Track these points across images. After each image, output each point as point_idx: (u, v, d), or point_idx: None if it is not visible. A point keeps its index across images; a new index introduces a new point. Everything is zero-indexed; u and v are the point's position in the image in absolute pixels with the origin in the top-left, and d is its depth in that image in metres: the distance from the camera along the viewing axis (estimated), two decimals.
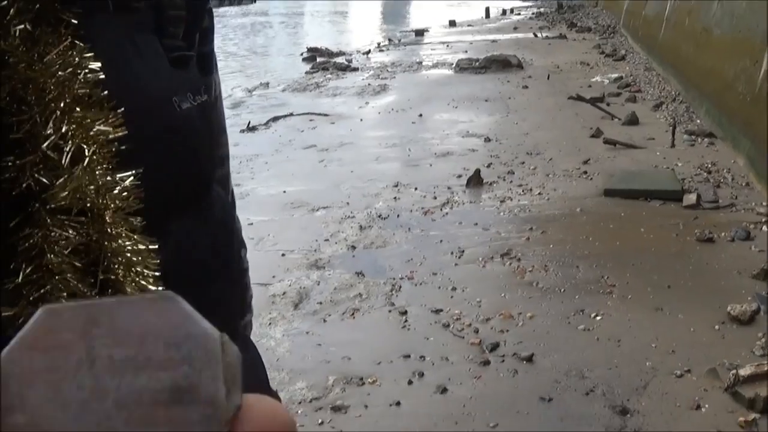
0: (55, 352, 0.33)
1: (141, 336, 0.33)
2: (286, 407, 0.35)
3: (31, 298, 0.73)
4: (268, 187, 6.29)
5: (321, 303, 4.29)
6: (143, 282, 0.88)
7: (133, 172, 0.81)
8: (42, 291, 0.75)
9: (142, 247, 0.84)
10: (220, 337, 0.34)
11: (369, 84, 10.22)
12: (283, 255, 4.93)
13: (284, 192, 6.18)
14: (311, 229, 5.39)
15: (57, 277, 0.75)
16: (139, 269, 0.85)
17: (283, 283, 4.54)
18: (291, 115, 9.14)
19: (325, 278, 4.60)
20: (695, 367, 3.37)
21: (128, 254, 0.83)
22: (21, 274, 0.74)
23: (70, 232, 0.75)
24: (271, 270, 4.63)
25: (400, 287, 4.38)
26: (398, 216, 5.51)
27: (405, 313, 4.07)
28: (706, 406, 3.12)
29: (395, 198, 5.91)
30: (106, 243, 0.80)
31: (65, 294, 0.78)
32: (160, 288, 0.85)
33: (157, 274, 0.86)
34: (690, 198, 5.41)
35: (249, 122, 8.83)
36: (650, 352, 3.54)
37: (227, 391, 0.32)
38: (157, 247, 0.86)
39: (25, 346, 0.33)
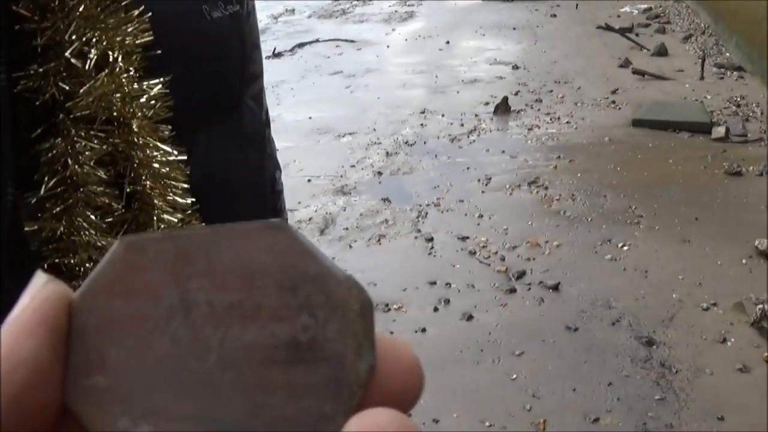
0: (139, 298, 0.27)
1: (247, 276, 0.27)
2: (417, 359, 0.28)
3: (54, 212, 0.73)
4: (294, 113, 6.18)
5: (347, 229, 4.23)
6: (172, 194, 0.83)
7: (161, 79, 0.79)
8: (66, 204, 0.73)
9: (171, 157, 0.81)
10: (347, 279, 0.27)
11: (396, 11, 9.94)
12: (309, 181, 4.86)
13: (310, 118, 6.06)
14: (337, 155, 5.30)
15: (82, 190, 0.74)
16: (168, 180, 0.82)
17: (309, 209, 4.48)
18: (317, 41, 8.93)
19: (351, 204, 4.53)
20: (722, 301, 3.29)
21: (157, 165, 0.79)
22: (44, 186, 0.71)
23: (96, 142, 0.72)
24: (297, 196, 4.56)
25: (427, 214, 4.30)
26: (425, 143, 5.39)
27: (431, 240, 4.00)
28: (732, 340, 3.06)
29: (422, 124, 5.78)
30: (133, 153, 0.77)
31: (90, 207, 0.75)
32: (190, 201, 0.83)
33: (186, 186, 0.83)
34: (719, 131, 5.25)
35: (274, 48, 8.65)
36: (677, 284, 3.46)
37: (357, 348, 0.26)
38: (186, 158, 0.83)
39: (102, 290, 0.27)
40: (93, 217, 0.75)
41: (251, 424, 0.26)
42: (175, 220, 0.82)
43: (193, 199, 0.85)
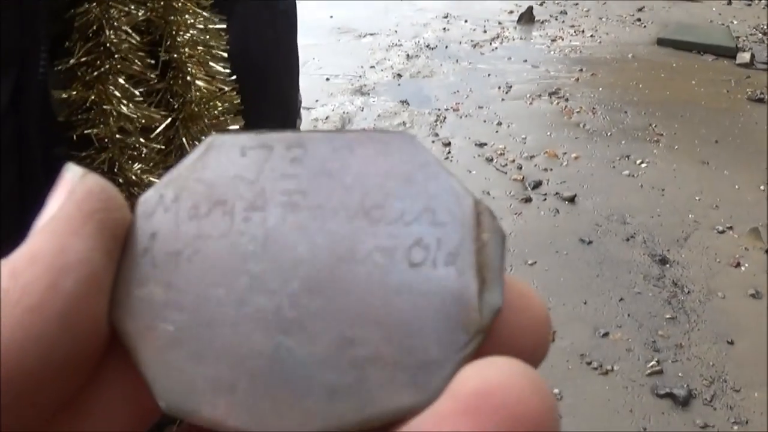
0: (218, 207, 0.22)
1: (354, 185, 0.21)
2: (548, 313, 0.21)
3: (86, 80, 0.69)
4: (313, 11, 5.89)
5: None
6: (211, 63, 0.72)
7: None
8: (98, 72, 0.69)
9: (211, 25, 0.73)
10: (478, 203, 0.21)
11: None
12: (327, 80, 4.63)
13: (331, 17, 5.78)
14: (357, 55, 5.05)
15: (115, 57, 0.69)
16: (206, 48, 0.72)
17: (327, 107, 4.27)
18: None
19: (369, 105, 4.32)
20: (737, 225, 3.14)
21: (195, 31, 0.71)
22: (76, 53, 0.65)
23: (132, 6, 0.68)
24: (315, 94, 4.35)
25: (445, 118, 4.10)
26: (446, 47, 5.14)
27: (449, 144, 3.82)
28: (746, 265, 2.91)
29: (444, 29, 5.50)
30: (171, 18, 0.70)
31: (123, 75, 0.67)
32: (227, 70, 0.75)
33: (224, 54, 0.73)
34: (743, 56, 4.98)
35: None
36: (693, 204, 3.29)
37: (482, 284, 0.20)
38: (225, 26, 0.76)
39: (172, 192, 0.22)
40: (126, 85, 0.71)
41: (333, 363, 0.20)
42: (214, 89, 0.78)
43: (230, 70, 0.79)
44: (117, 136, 0.70)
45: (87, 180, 0.21)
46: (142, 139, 0.73)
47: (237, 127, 0.83)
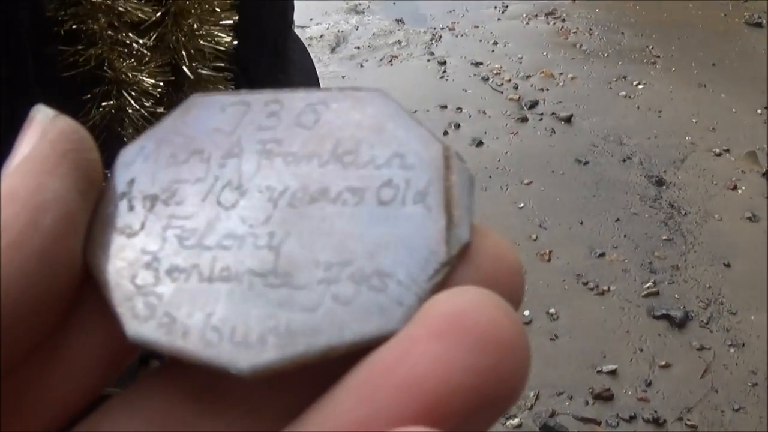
0: (197, 156, 0.22)
1: (328, 135, 0.22)
2: (511, 246, 0.20)
3: None
4: None
5: (359, 48, 3.80)
6: None
7: None
8: None
9: None
10: (447, 149, 0.21)
11: None
12: None
13: None
14: None
15: None
16: None
17: (321, 26, 4.02)
18: None
19: (364, 23, 4.06)
20: (734, 148, 2.95)
21: None
22: None
23: None
24: (308, 13, 4.08)
25: (441, 37, 3.86)
26: None
27: (444, 63, 3.59)
28: (743, 188, 2.74)
29: None
30: None
31: None
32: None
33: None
34: None
35: None
36: (690, 126, 3.10)
37: (448, 220, 0.20)
38: None
39: (153, 142, 0.22)
40: None
41: (302, 293, 0.19)
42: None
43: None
44: (107, 32, 0.65)
45: (58, 121, 0.21)
46: (131, 35, 0.67)
47: (230, 22, 0.75)
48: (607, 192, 2.67)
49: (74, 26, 0.64)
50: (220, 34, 0.73)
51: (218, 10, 0.72)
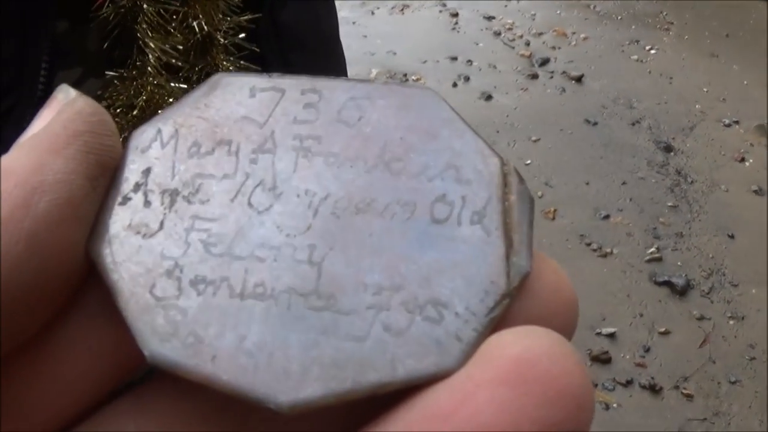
0: (223, 145, 0.18)
1: (372, 137, 0.18)
2: (566, 279, 0.18)
3: None
4: None
5: None
6: None
7: None
8: None
9: None
10: (505, 164, 0.18)
11: None
12: None
13: None
14: None
15: None
16: None
17: None
18: None
19: None
20: (744, 120, 2.81)
21: None
22: None
23: None
24: None
25: None
26: None
27: (456, 15, 3.41)
28: (750, 160, 2.60)
29: None
30: None
31: None
32: None
33: None
34: None
35: None
36: (701, 95, 2.95)
37: (508, 247, 0.17)
38: None
39: (174, 126, 0.19)
40: None
41: (347, 318, 0.16)
42: None
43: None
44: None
45: (78, 101, 0.18)
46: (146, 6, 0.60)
47: None
48: (615, 154, 2.53)
49: None
50: None
51: None
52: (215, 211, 0.18)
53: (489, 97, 2.78)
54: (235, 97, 0.19)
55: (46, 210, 0.16)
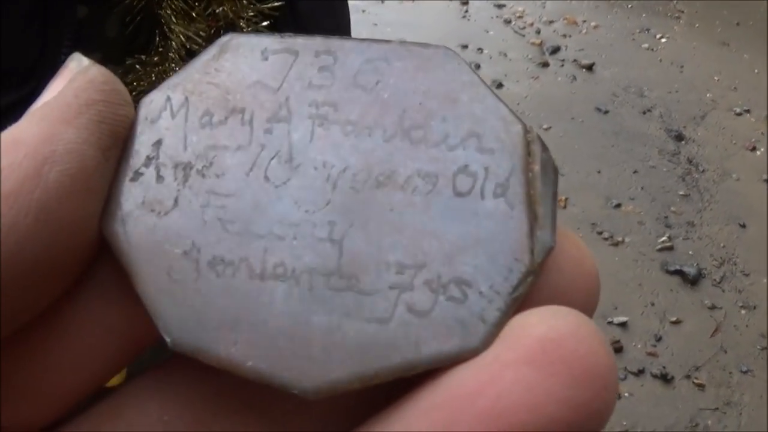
0: (237, 114, 0.17)
1: (391, 102, 0.17)
2: (588, 252, 0.17)
3: None
4: None
5: None
6: None
7: None
8: None
9: None
10: (529, 130, 0.17)
11: None
12: None
13: None
14: None
15: None
16: None
17: None
18: None
19: None
20: (755, 109, 2.77)
21: None
22: None
23: None
24: None
25: None
26: None
27: (466, 3, 3.37)
28: (762, 149, 2.57)
29: None
30: None
31: None
32: None
33: None
34: None
35: None
36: (712, 84, 2.91)
37: (532, 221, 0.16)
38: None
39: (184, 94, 0.18)
40: None
41: (369, 298, 0.16)
42: None
43: None
44: None
45: (90, 70, 0.17)
46: None
47: None
48: (626, 143, 2.50)
49: None
50: None
51: None
52: (231, 185, 0.17)
53: (500, 86, 2.75)
54: (246, 61, 0.18)
55: (57, 181, 0.15)
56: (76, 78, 0.17)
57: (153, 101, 0.18)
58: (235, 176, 0.17)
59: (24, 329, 0.17)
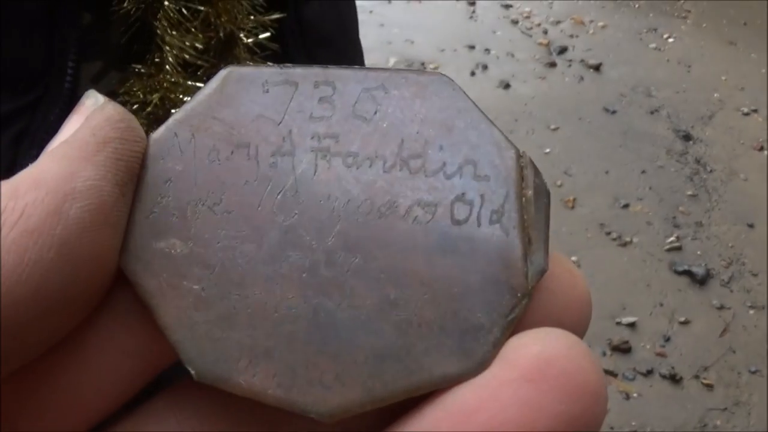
0: (243, 148, 0.18)
1: (387, 131, 0.18)
2: (581, 276, 0.18)
3: None
4: None
5: None
6: None
7: None
8: None
9: None
10: (521, 156, 0.18)
11: None
12: None
13: None
14: None
15: None
16: None
17: None
18: None
19: None
20: (762, 109, 2.75)
21: None
22: None
23: None
24: None
25: None
26: None
27: (473, 3, 3.36)
28: None
29: None
30: None
31: None
32: None
33: None
34: None
35: None
36: (719, 84, 2.89)
37: (526, 246, 0.17)
38: None
39: (192, 130, 0.18)
40: None
41: (375, 327, 0.17)
42: None
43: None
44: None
45: (106, 107, 0.18)
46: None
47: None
48: (634, 143, 2.49)
49: None
50: None
51: None
52: (241, 223, 0.18)
53: (507, 86, 2.74)
54: (248, 94, 0.18)
55: (77, 217, 0.16)
56: (93, 116, 0.18)
57: (161, 138, 0.18)
58: (245, 213, 0.17)
59: (46, 353, 0.17)
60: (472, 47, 3.00)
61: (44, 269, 0.16)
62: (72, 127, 0.18)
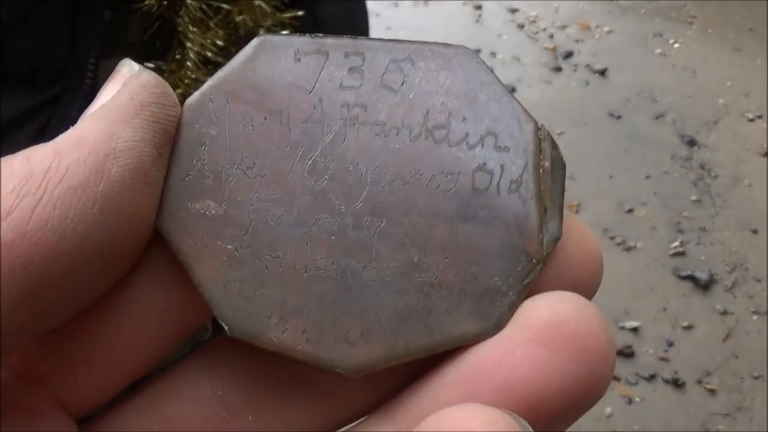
0: (276, 114, 0.18)
1: (415, 102, 0.19)
2: (597, 240, 0.19)
3: None
4: None
5: None
6: None
7: None
8: None
9: None
10: (540, 128, 0.19)
11: None
12: None
13: None
14: None
15: None
16: None
17: None
18: None
19: None
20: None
21: None
22: None
23: None
24: None
25: None
26: None
27: (480, 7, 3.35)
28: None
29: None
30: None
31: None
32: None
33: None
34: None
35: None
36: (724, 90, 2.88)
37: (543, 213, 0.18)
38: None
39: (227, 96, 0.19)
40: None
41: (399, 286, 0.18)
42: None
43: None
44: None
45: (142, 74, 0.19)
46: None
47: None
48: (639, 148, 2.48)
49: None
50: None
51: None
52: (273, 186, 0.18)
53: (513, 90, 2.73)
54: (281, 62, 0.19)
55: (118, 175, 0.17)
56: (130, 82, 0.18)
57: (195, 104, 0.19)
58: (276, 177, 0.18)
59: (85, 312, 0.18)
60: (478, 51, 3.00)
61: (88, 224, 0.16)
62: (109, 92, 0.18)
